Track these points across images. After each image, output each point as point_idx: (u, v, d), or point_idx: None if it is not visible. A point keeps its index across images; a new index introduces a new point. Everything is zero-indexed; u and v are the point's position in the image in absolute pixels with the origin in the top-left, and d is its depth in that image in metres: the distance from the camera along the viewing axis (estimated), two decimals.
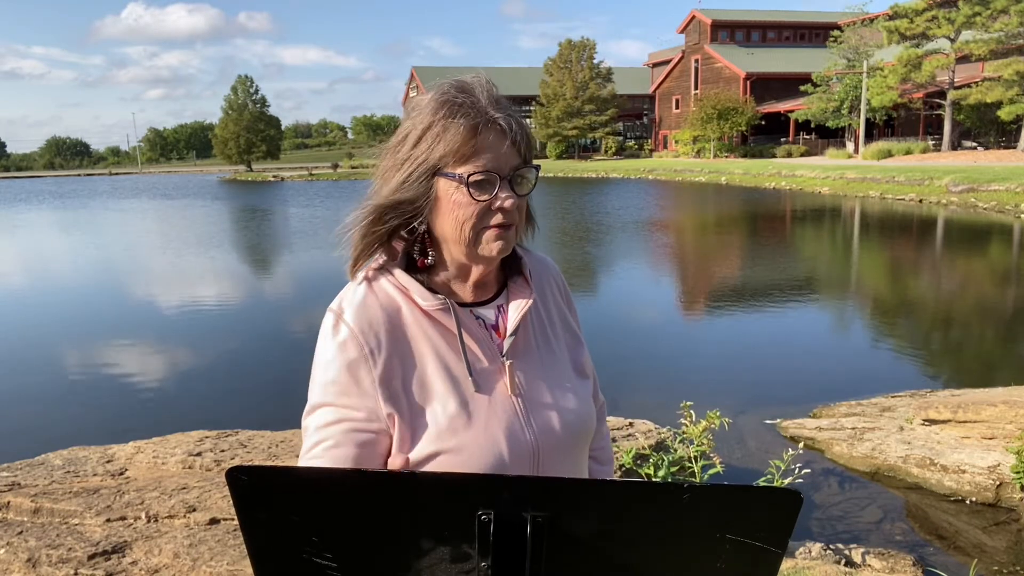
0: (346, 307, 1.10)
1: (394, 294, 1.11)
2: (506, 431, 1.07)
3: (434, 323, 1.10)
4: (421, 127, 1.07)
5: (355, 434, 1.03)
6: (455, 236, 1.08)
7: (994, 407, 5.00)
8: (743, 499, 0.72)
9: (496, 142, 1.06)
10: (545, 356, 1.17)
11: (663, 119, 60.49)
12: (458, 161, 1.05)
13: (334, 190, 42.72)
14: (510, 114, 1.08)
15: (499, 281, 1.19)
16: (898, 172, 27.34)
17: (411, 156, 1.07)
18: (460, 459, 1.04)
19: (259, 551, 0.72)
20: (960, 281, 12.46)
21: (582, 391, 1.19)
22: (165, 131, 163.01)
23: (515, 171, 1.07)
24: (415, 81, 71.68)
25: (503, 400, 1.09)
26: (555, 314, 1.24)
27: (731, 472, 4.80)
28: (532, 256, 1.25)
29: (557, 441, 1.11)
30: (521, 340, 1.15)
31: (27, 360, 8.62)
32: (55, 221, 30.30)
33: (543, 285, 1.24)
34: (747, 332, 9.26)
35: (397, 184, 1.08)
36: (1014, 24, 32.25)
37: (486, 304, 1.16)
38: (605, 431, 1.38)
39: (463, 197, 1.05)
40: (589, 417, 1.19)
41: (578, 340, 1.26)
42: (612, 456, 1.40)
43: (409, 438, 1.05)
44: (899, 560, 3.74)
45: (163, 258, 17.42)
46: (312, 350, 1.14)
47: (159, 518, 3.49)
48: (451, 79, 1.10)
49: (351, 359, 1.06)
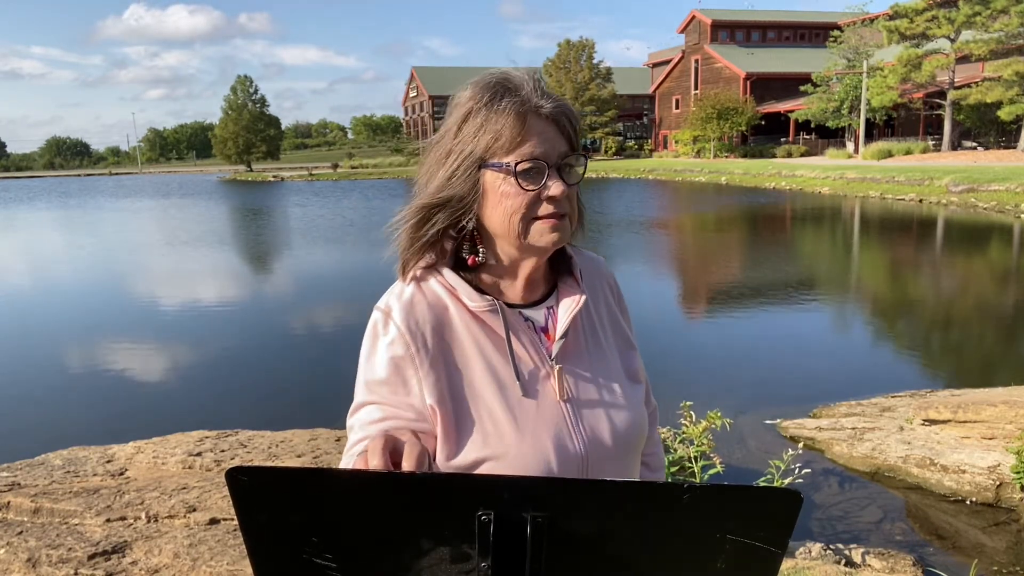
0: (394, 305, 1.07)
1: (442, 294, 1.08)
2: (554, 438, 1.04)
3: (482, 324, 1.07)
4: (465, 119, 1.04)
5: (402, 433, 1.01)
6: (505, 229, 1.05)
7: (994, 407, 5.00)
8: (743, 499, 0.72)
9: (543, 129, 1.03)
10: (595, 360, 1.14)
11: (663, 119, 60.48)
12: (505, 150, 1.02)
13: (334, 190, 42.73)
14: (557, 101, 1.05)
15: (549, 282, 1.15)
16: (898, 172, 27.34)
17: (454, 148, 1.04)
18: (505, 466, 1.01)
19: (259, 551, 0.72)
20: (960, 281, 12.46)
21: (634, 397, 1.16)
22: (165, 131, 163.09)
23: (563, 159, 1.04)
24: (415, 81, 71.69)
25: (551, 406, 1.06)
26: (606, 316, 1.20)
27: (731, 472, 4.80)
28: (583, 256, 1.21)
29: (607, 448, 1.08)
30: (571, 343, 1.11)
31: (27, 360, 8.63)
32: (56, 220, 30.30)
33: (595, 286, 1.20)
34: (747, 332, 9.26)
35: (443, 180, 1.05)
36: (1014, 24, 32.24)
37: (535, 306, 1.12)
38: (656, 437, 1.35)
39: (511, 188, 1.02)
40: (641, 424, 1.15)
41: (630, 344, 1.21)
42: (663, 462, 1.37)
43: (454, 442, 1.03)
44: (899, 560, 3.74)
45: (163, 257, 17.42)
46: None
47: (159, 518, 3.49)
48: (494, 71, 1.07)
49: (398, 358, 1.04)
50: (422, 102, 70.12)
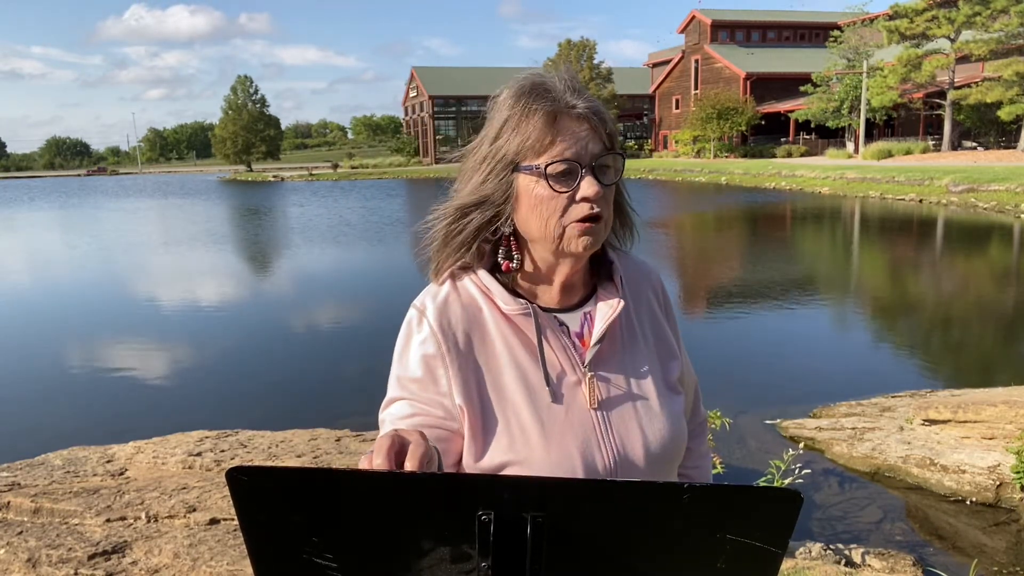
0: (428, 304, 1.07)
1: (476, 295, 1.08)
2: (581, 446, 1.03)
3: (514, 328, 1.06)
4: (499, 122, 1.04)
5: (429, 430, 0.99)
6: (540, 233, 1.03)
7: (994, 407, 5.00)
8: (743, 499, 0.72)
9: (575, 129, 1.01)
10: (632, 369, 1.11)
11: (663, 119, 60.48)
12: (536, 152, 1.01)
13: (334, 190, 42.73)
14: (590, 100, 1.04)
15: (588, 286, 1.14)
16: (898, 172, 27.34)
17: (490, 153, 1.04)
18: (530, 472, 1.00)
19: (259, 551, 0.72)
20: (960, 281, 12.46)
21: (671, 408, 1.12)
22: (165, 131, 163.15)
23: (597, 159, 1.02)
24: (415, 81, 71.66)
25: (581, 413, 1.05)
26: (647, 323, 1.17)
27: (731, 472, 4.80)
28: (628, 259, 1.18)
29: (636, 459, 1.06)
30: (607, 350, 1.09)
31: (27, 360, 8.63)
32: (57, 219, 30.31)
33: (638, 291, 1.17)
34: (747, 332, 9.26)
35: (477, 183, 1.05)
36: (1014, 24, 32.25)
37: (573, 310, 1.11)
38: (704, 450, 1.31)
39: (544, 190, 1.01)
40: (677, 435, 1.11)
41: (673, 353, 1.17)
42: (710, 476, 1.32)
43: (481, 443, 1.02)
44: (899, 560, 3.74)
45: (163, 257, 17.42)
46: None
47: (159, 518, 3.49)
48: (529, 73, 1.06)
49: (429, 356, 1.04)
50: (422, 102, 70.09)
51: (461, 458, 1.04)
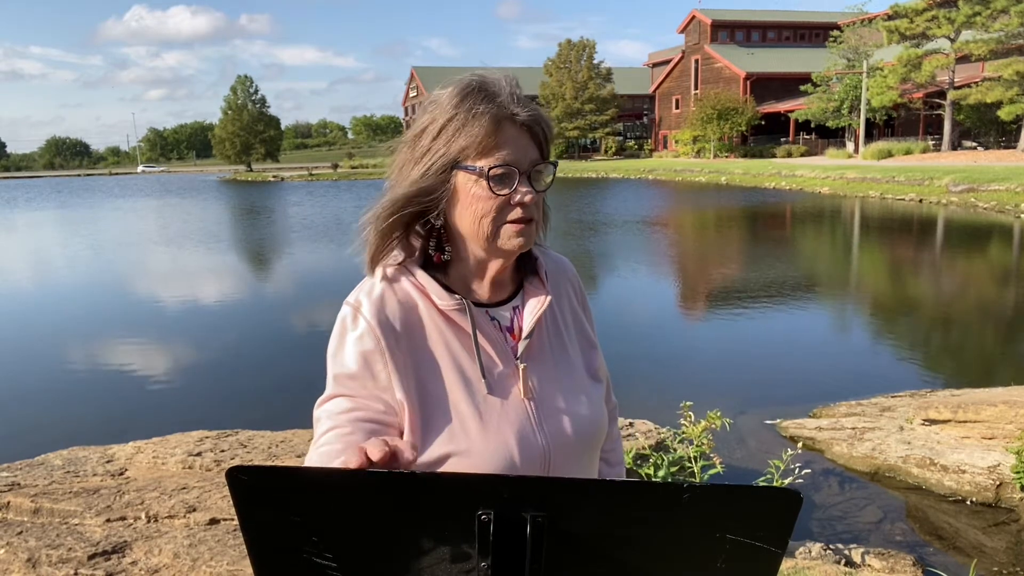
0: (363, 300, 1.09)
1: (411, 291, 1.10)
2: (517, 435, 1.07)
3: (450, 323, 1.09)
4: (442, 120, 1.06)
5: (368, 424, 1.02)
6: (473, 231, 1.07)
7: (994, 407, 5.00)
8: (743, 499, 0.72)
9: (517, 136, 1.05)
10: (559, 360, 1.17)
11: (663, 119, 60.48)
12: (479, 154, 1.04)
13: (334, 190, 42.73)
14: (531, 110, 1.07)
15: (515, 281, 1.18)
16: (898, 172, 27.34)
17: (431, 149, 1.06)
18: (470, 461, 1.04)
19: (259, 551, 0.72)
20: (960, 281, 12.46)
21: (595, 395, 1.19)
22: (165, 131, 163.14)
23: (534, 166, 1.07)
24: (415, 81, 71.70)
25: (516, 403, 1.09)
26: (570, 317, 1.23)
27: (731, 472, 4.80)
28: (549, 256, 1.24)
29: (568, 445, 1.11)
30: (536, 343, 1.14)
31: (27, 360, 8.63)
32: (55, 219, 30.31)
33: (559, 287, 1.23)
34: (747, 332, 9.26)
35: (416, 177, 1.07)
36: (1014, 24, 32.24)
37: (502, 305, 1.15)
38: (616, 433, 1.38)
39: (482, 191, 1.04)
40: (601, 421, 1.18)
41: (592, 344, 1.25)
42: (623, 458, 1.40)
43: (420, 437, 1.04)
44: (899, 560, 3.74)
45: (163, 256, 17.42)
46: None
47: (159, 518, 3.49)
48: (473, 74, 1.09)
49: (367, 351, 1.05)
50: (422, 102, 70.09)
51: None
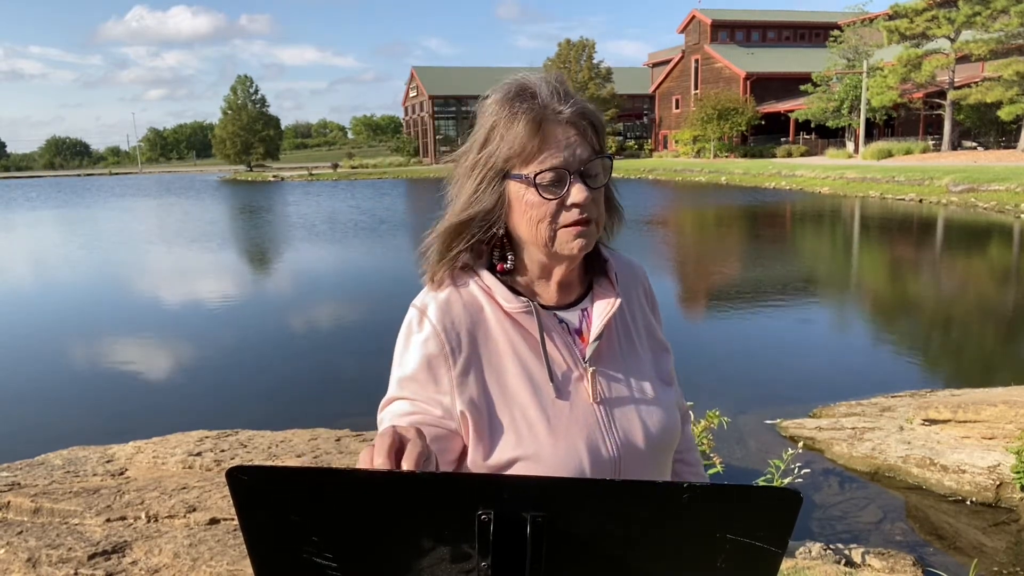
0: (430, 304, 1.08)
1: (478, 294, 1.09)
2: (586, 440, 1.05)
3: (516, 326, 1.08)
4: (486, 128, 1.05)
5: (428, 428, 1.00)
6: (532, 237, 1.05)
7: (994, 407, 5.00)
8: (743, 499, 0.72)
9: (562, 136, 1.02)
10: (629, 363, 1.14)
11: (663, 119, 60.46)
12: (524, 161, 1.02)
13: (334, 190, 42.73)
14: (575, 104, 1.04)
15: (584, 283, 1.16)
16: (898, 172, 27.33)
17: (480, 160, 1.05)
18: (539, 466, 1.02)
19: (259, 551, 0.72)
20: (960, 281, 12.46)
21: (666, 400, 1.16)
22: (165, 131, 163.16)
23: (585, 164, 1.04)
24: (415, 81, 71.64)
25: (584, 407, 1.07)
26: (640, 319, 1.21)
27: (731, 472, 4.80)
28: (618, 258, 1.22)
29: (639, 450, 1.09)
30: (605, 346, 1.12)
31: (27, 360, 8.62)
32: (54, 219, 30.30)
33: (629, 289, 1.20)
34: (747, 332, 9.26)
35: (470, 194, 1.06)
36: (1014, 24, 32.23)
37: (570, 307, 1.13)
38: (690, 434, 1.36)
39: (534, 197, 1.03)
40: (672, 426, 1.15)
41: (663, 347, 1.23)
42: (700, 458, 1.37)
43: (487, 441, 1.03)
44: (899, 560, 3.74)
45: (163, 256, 17.41)
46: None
47: (159, 518, 3.49)
48: (514, 77, 1.07)
49: (431, 356, 1.05)
50: (422, 102, 70.05)
51: (459, 457, 1.05)
